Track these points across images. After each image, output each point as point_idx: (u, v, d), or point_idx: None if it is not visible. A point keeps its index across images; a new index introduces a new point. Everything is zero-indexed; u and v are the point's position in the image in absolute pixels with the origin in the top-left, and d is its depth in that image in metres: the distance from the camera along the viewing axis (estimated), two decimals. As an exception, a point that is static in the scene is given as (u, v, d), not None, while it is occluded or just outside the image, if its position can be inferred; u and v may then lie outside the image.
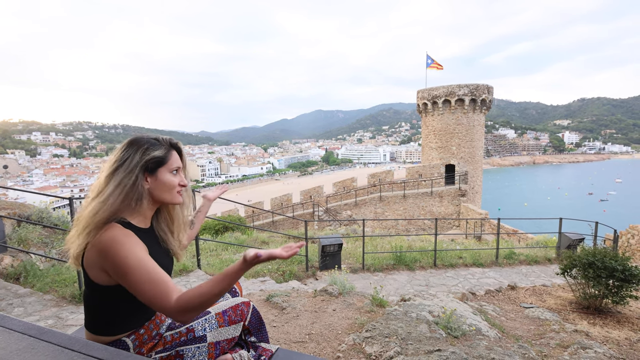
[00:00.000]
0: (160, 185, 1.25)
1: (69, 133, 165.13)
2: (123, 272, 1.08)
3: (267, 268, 5.76)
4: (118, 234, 1.12)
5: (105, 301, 1.17)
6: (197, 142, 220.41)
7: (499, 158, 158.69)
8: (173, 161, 1.28)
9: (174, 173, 1.29)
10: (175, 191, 1.29)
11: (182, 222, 1.42)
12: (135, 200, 1.21)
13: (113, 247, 1.09)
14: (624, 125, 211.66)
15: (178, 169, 1.31)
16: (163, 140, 1.30)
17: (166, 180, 1.26)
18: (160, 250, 1.33)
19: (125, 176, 1.19)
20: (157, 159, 1.24)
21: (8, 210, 5.00)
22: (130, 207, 1.21)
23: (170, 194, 1.28)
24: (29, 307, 3.24)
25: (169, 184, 1.26)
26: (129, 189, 1.19)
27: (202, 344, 1.33)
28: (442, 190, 19.96)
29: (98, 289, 1.16)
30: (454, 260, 7.17)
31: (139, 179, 1.20)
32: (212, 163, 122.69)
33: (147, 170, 1.23)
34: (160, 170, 1.25)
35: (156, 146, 1.26)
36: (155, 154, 1.24)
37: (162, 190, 1.26)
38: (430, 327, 2.91)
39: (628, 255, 4.48)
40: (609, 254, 4.29)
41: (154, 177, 1.24)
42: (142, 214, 1.27)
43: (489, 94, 21.87)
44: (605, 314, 4.24)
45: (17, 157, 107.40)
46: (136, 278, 1.07)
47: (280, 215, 13.45)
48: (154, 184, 1.25)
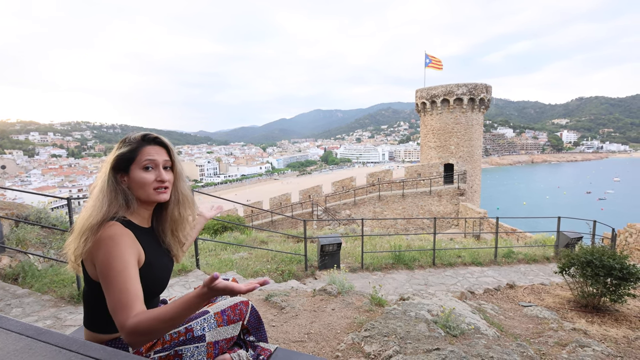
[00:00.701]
0: (133, 184, 1.21)
1: (67, 133, 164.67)
2: (105, 272, 1.08)
3: (266, 268, 5.76)
4: (116, 233, 1.12)
5: (101, 298, 1.16)
6: (196, 142, 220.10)
7: (497, 157, 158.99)
8: (143, 156, 1.21)
9: (148, 169, 1.22)
10: (151, 188, 1.22)
11: (182, 221, 1.36)
12: (124, 200, 1.20)
13: (107, 244, 1.09)
14: (622, 124, 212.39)
15: (153, 163, 1.22)
16: (134, 137, 1.23)
17: (137, 177, 1.20)
18: (160, 250, 1.32)
19: (103, 180, 1.19)
20: (122, 156, 1.20)
21: (6, 211, 4.98)
22: (124, 207, 1.20)
23: (145, 191, 1.22)
24: (27, 307, 3.23)
25: (140, 180, 1.20)
26: (109, 191, 1.18)
27: (200, 343, 1.33)
28: (440, 190, 19.99)
29: (94, 286, 1.16)
30: (452, 260, 7.19)
31: (112, 180, 1.19)
32: (211, 163, 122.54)
33: (120, 170, 1.21)
34: (131, 168, 1.21)
35: (125, 144, 1.22)
36: (119, 152, 1.21)
37: (136, 188, 1.21)
38: (429, 326, 2.91)
39: (626, 253, 4.49)
40: (607, 252, 4.30)
41: (128, 176, 1.21)
42: (139, 213, 1.26)
43: (488, 93, 21.90)
44: (603, 313, 4.25)
45: (15, 157, 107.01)
46: (113, 282, 1.06)
47: (279, 215, 13.46)
48: (129, 183, 1.22)
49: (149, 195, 1.23)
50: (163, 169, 1.25)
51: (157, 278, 1.27)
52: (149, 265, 1.22)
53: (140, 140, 1.23)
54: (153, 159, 1.22)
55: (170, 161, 1.28)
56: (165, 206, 1.33)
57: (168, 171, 1.28)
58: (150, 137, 1.25)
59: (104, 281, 1.08)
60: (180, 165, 1.32)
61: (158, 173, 1.23)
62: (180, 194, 1.33)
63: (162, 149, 1.27)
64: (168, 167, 1.28)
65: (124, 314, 1.02)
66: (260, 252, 6.78)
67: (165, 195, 1.26)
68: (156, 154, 1.24)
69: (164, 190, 1.25)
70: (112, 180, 1.19)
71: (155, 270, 1.25)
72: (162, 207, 1.34)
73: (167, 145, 1.29)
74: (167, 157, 1.27)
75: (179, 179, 1.33)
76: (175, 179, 1.31)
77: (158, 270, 1.27)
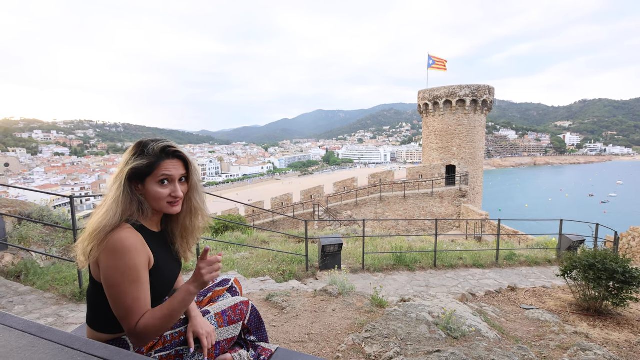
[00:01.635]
0: (148, 196, 1.22)
1: (70, 131, 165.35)
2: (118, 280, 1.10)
3: (267, 268, 5.76)
4: (128, 238, 1.13)
5: (104, 298, 1.17)
6: (198, 142, 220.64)
7: (499, 159, 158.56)
8: (160, 170, 1.21)
9: (164, 183, 1.22)
10: (165, 202, 1.23)
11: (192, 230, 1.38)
12: (137, 207, 1.21)
13: (118, 250, 1.11)
14: (625, 127, 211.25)
15: (169, 178, 1.22)
16: (153, 149, 1.21)
17: (152, 191, 1.21)
18: (169, 255, 1.34)
19: (117, 188, 1.19)
20: (138, 170, 1.20)
21: (9, 208, 5.00)
22: (137, 213, 1.21)
23: (159, 205, 1.23)
24: (30, 305, 3.25)
25: (155, 195, 1.21)
26: (123, 199, 1.18)
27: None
28: (442, 191, 19.95)
29: (98, 286, 1.18)
30: (454, 261, 7.17)
31: (128, 190, 1.19)
32: (213, 162, 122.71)
33: (135, 179, 1.21)
34: (147, 180, 1.21)
35: (142, 156, 1.21)
36: (135, 165, 1.20)
37: (150, 200, 1.23)
38: (430, 328, 2.91)
39: (629, 257, 4.46)
40: (609, 255, 4.28)
41: (143, 186, 1.22)
42: (151, 218, 1.28)
43: (490, 94, 21.85)
44: (606, 316, 4.23)
45: (18, 155, 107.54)
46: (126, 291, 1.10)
47: (280, 215, 13.46)
48: (144, 193, 1.22)
49: (162, 208, 1.25)
50: (178, 181, 1.26)
51: (164, 281, 1.29)
52: (157, 269, 1.24)
53: (160, 154, 1.22)
54: (170, 174, 1.22)
55: (186, 174, 1.28)
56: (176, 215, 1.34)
57: (183, 183, 1.28)
58: (169, 151, 1.24)
59: (113, 289, 1.11)
60: (196, 177, 1.32)
61: (173, 188, 1.24)
62: (192, 204, 1.33)
63: (180, 162, 1.26)
64: (183, 179, 1.29)
65: (133, 319, 1.12)
66: (261, 252, 6.78)
67: (177, 208, 1.27)
68: (173, 168, 1.23)
69: (177, 203, 1.26)
70: (127, 191, 1.20)
71: (163, 274, 1.27)
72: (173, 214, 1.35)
73: (186, 159, 1.28)
74: (184, 171, 1.27)
75: (194, 190, 1.32)
76: (190, 190, 1.31)
77: (165, 274, 1.29)
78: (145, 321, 1.12)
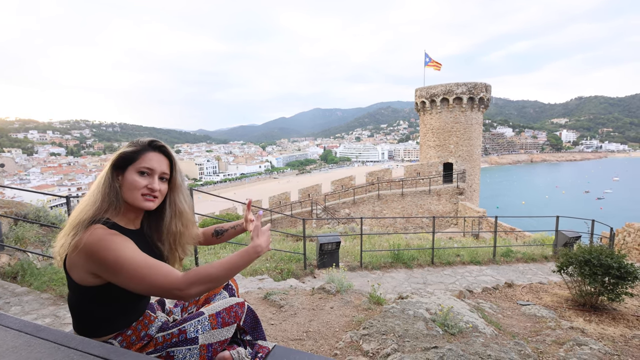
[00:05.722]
0: (125, 184, 1.21)
1: (66, 131, 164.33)
2: (118, 267, 1.07)
3: (265, 266, 5.77)
4: (103, 234, 1.10)
5: (88, 303, 1.15)
6: (195, 141, 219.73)
7: (496, 156, 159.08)
8: (143, 161, 1.21)
9: (143, 174, 1.21)
10: (139, 193, 1.20)
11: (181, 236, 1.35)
12: (115, 198, 1.19)
13: (101, 246, 1.07)
14: (621, 123, 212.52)
15: (150, 170, 1.22)
16: (142, 141, 1.25)
17: (129, 179, 1.20)
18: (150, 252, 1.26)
19: (102, 175, 1.20)
20: (124, 155, 1.21)
21: (5, 209, 4.98)
22: (113, 206, 1.19)
23: (132, 195, 1.20)
24: (26, 305, 3.24)
25: (132, 183, 1.20)
26: (104, 187, 1.18)
27: (193, 345, 1.32)
28: (440, 189, 20.01)
29: (81, 291, 1.14)
30: (451, 258, 7.20)
31: (110, 177, 1.20)
32: (210, 161, 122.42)
33: (118, 168, 1.21)
34: (128, 169, 1.21)
35: (130, 145, 1.23)
36: (123, 151, 1.22)
37: (126, 189, 1.20)
38: (427, 325, 2.92)
39: (624, 252, 4.50)
40: (605, 251, 4.31)
41: (123, 175, 1.21)
42: (126, 215, 1.24)
43: (487, 92, 21.90)
44: (601, 311, 4.27)
45: (13, 155, 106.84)
46: (134, 267, 1.07)
47: (278, 214, 13.46)
48: (122, 183, 1.21)
49: (135, 200, 1.21)
50: (159, 179, 1.25)
51: None
52: None
53: (146, 145, 1.24)
54: (151, 166, 1.22)
55: (168, 174, 1.28)
56: (161, 217, 1.32)
57: (163, 182, 1.27)
58: (156, 145, 1.26)
59: (121, 276, 1.08)
60: (180, 179, 1.31)
61: (151, 180, 1.22)
62: (176, 207, 1.32)
63: (165, 159, 1.27)
64: (165, 179, 1.28)
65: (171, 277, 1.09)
66: (259, 250, 6.78)
67: (151, 204, 1.24)
68: (156, 162, 1.24)
69: (152, 199, 1.24)
70: (109, 177, 1.20)
71: None
72: (158, 217, 1.32)
73: (172, 158, 1.28)
74: (167, 170, 1.27)
75: (176, 192, 1.32)
76: (171, 191, 1.30)
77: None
78: (196, 271, 1.10)
